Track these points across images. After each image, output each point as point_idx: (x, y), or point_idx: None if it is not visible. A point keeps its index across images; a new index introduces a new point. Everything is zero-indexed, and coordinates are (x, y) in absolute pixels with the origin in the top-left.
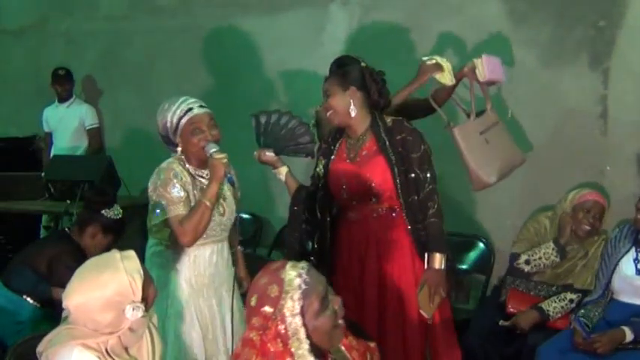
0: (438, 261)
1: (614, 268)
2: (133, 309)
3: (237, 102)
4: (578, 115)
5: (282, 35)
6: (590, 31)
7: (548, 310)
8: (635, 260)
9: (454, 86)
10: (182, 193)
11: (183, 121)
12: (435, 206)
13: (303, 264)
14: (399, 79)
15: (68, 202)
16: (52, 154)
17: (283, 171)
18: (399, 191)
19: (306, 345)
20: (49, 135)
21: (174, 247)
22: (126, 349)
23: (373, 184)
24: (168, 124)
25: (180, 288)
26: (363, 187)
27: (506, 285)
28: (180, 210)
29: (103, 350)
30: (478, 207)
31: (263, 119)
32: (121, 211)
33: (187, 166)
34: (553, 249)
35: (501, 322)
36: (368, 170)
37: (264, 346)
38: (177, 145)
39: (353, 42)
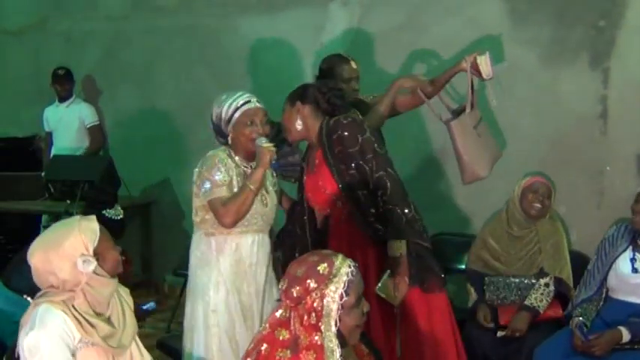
0: (397, 248)
1: (611, 266)
2: (84, 261)
3: None
4: (578, 115)
5: (282, 35)
6: (590, 31)
7: (532, 304)
8: (632, 259)
9: (446, 82)
10: (226, 178)
11: (240, 112)
12: (388, 192)
13: (352, 261)
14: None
15: (68, 202)
16: (52, 154)
17: None
18: (343, 191)
19: (334, 328)
20: (50, 135)
21: (218, 235)
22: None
23: (327, 192)
24: (224, 114)
25: (222, 275)
26: (321, 196)
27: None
28: (223, 192)
29: (70, 306)
30: (477, 207)
31: None
32: (122, 211)
33: (234, 156)
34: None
35: (499, 334)
36: (320, 178)
37: (292, 319)
38: (227, 137)
39: (353, 42)
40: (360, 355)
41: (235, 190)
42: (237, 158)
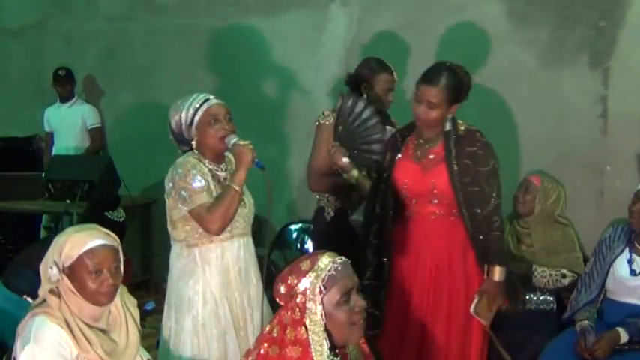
0: (498, 273)
1: (609, 269)
2: (50, 267)
3: (237, 102)
4: (578, 115)
5: (283, 35)
6: (590, 31)
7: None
8: (629, 261)
9: None
10: (203, 183)
11: (200, 112)
12: (499, 220)
13: (343, 257)
14: (398, 79)
15: (68, 202)
16: (52, 154)
17: (354, 175)
18: (460, 203)
19: (320, 322)
20: (51, 135)
21: (201, 245)
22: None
23: (435, 191)
24: (183, 119)
25: (210, 286)
26: (424, 190)
27: None
28: (204, 199)
29: (67, 319)
30: None
31: (348, 102)
32: (124, 214)
33: (204, 160)
34: None
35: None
36: (432, 175)
37: (281, 316)
38: (190, 144)
39: (353, 42)
40: (368, 356)
41: (214, 194)
42: (206, 162)
